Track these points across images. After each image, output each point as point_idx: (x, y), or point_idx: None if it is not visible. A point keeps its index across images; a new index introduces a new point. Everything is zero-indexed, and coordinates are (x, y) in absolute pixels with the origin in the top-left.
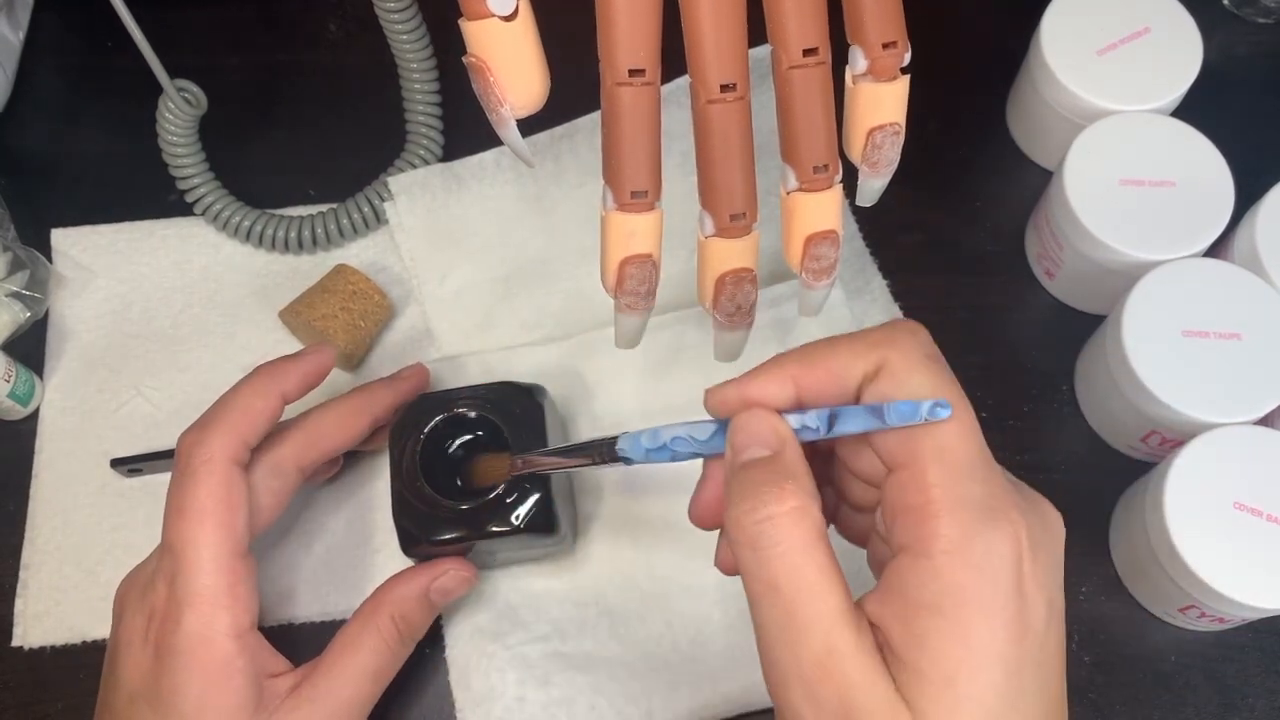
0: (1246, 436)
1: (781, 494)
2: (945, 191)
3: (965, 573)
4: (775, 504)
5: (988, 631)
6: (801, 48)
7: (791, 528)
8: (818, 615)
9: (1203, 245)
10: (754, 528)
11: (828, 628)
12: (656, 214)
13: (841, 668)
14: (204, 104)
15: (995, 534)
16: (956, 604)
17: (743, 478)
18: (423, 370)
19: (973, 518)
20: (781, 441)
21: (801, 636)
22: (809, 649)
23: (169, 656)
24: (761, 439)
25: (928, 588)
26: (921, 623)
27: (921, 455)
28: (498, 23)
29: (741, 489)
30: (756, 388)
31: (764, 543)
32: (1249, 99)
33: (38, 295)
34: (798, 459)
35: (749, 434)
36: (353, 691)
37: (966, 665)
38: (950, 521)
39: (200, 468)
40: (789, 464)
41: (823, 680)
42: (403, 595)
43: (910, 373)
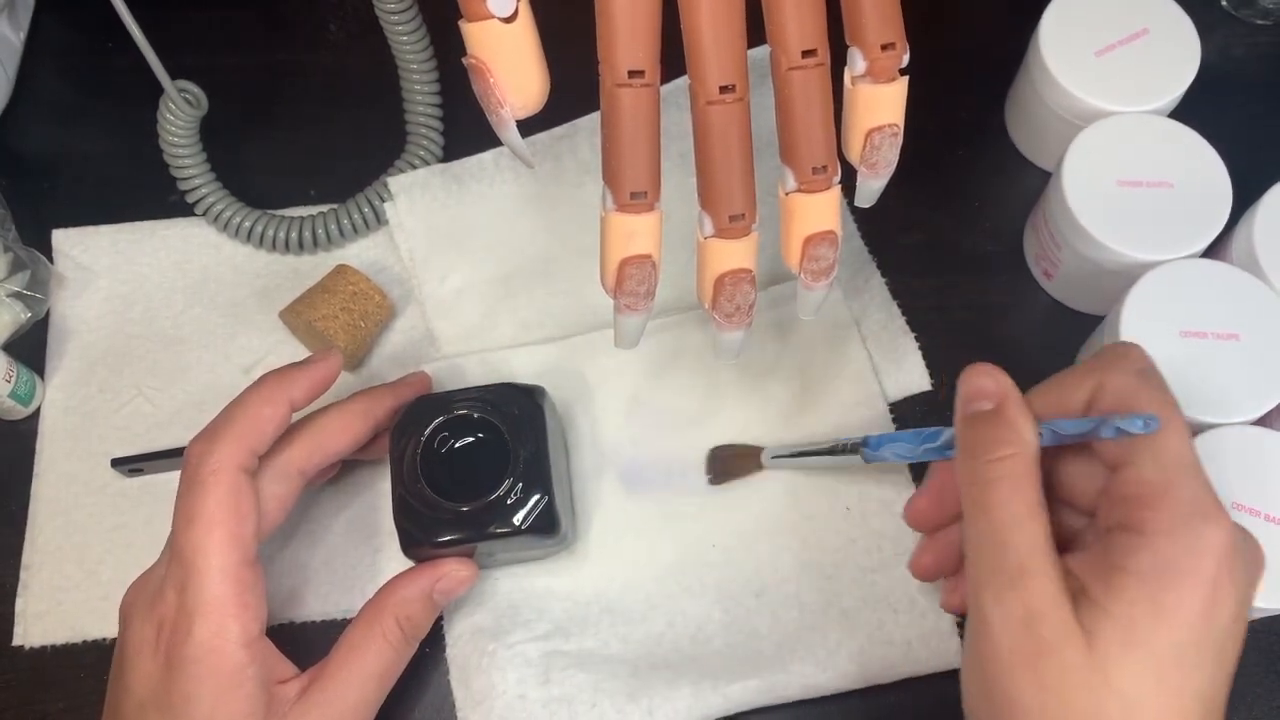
0: (1246, 437)
1: (999, 443)
2: (944, 192)
3: (1172, 551)
4: (996, 450)
5: (1177, 601)
6: (800, 49)
7: (1007, 469)
8: (1018, 539)
9: (1201, 246)
10: (977, 469)
11: (1026, 551)
12: (656, 215)
13: (1031, 582)
14: (205, 104)
15: (1204, 526)
16: (1157, 574)
17: (969, 428)
18: (425, 378)
19: (1185, 509)
20: (1003, 394)
21: (1001, 553)
22: (1005, 563)
23: (180, 665)
24: (986, 392)
25: (1134, 557)
26: (1120, 580)
27: (1141, 455)
28: (498, 24)
29: (968, 438)
30: None
31: (983, 477)
32: (1247, 100)
33: (39, 295)
34: (1019, 410)
35: (974, 388)
36: (359, 694)
37: (1150, 617)
38: (1165, 508)
39: (209, 477)
40: (1010, 416)
41: (1012, 589)
42: (406, 596)
43: (1123, 391)
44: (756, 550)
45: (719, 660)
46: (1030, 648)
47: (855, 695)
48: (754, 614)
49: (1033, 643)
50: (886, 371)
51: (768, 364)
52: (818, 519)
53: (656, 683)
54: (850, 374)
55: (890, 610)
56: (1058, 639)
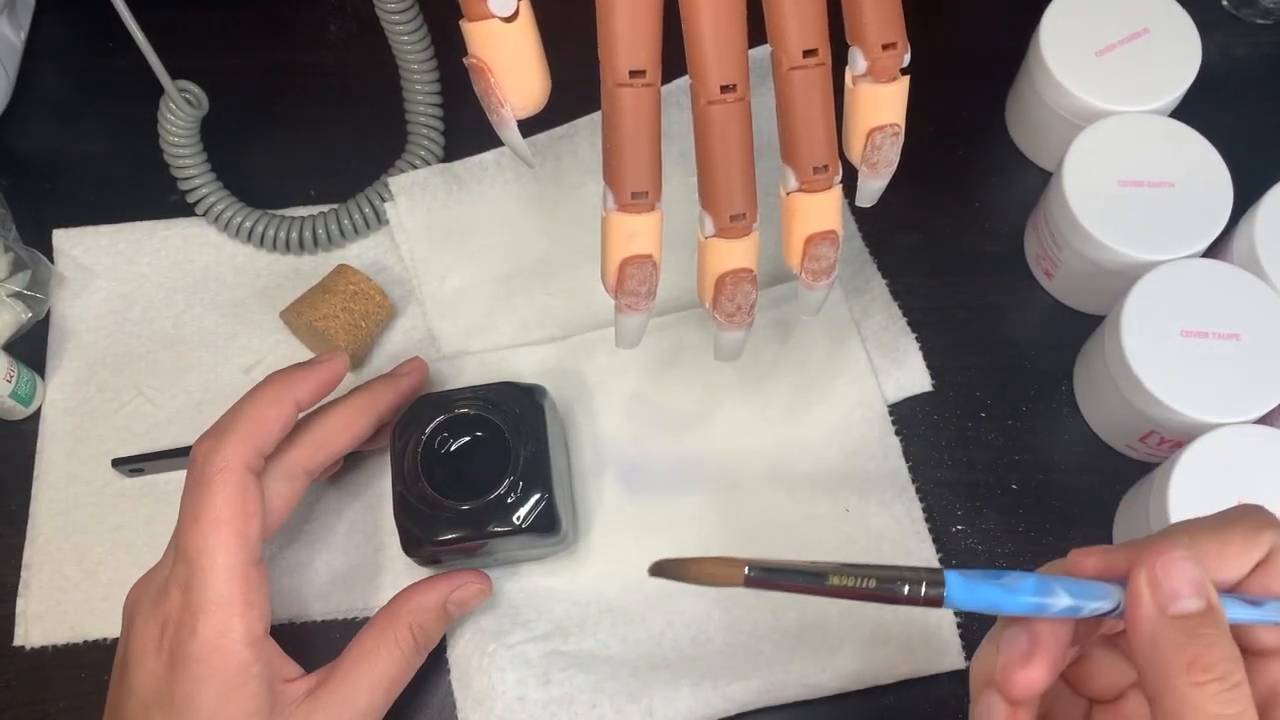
0: (1248, 436)
1: (1237, 665)
2: (945, 192)
3: None
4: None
5: None
6: (801, 49)
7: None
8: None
9: (1201, 246)
10: (1217, 698)
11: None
12: (657, 214)
13: None
14: (205, 104)
15: None
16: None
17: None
18: (422, 364)
19: None
20: (1210, 591)
21: None
22: None
23: (184, 664)
24: (1198, 587)
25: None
26: None
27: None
28: (498, 24)
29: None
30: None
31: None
32: (1248, 100)
33: (39, 295)
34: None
35: (1187, 579)
36: (369, 699)
37: None
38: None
39: (215, 476)
40: (1225, 624)
41: None
42: (421, 605)
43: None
44: (756, 550)
45: (719, 660)
46: None
47: (855, 695)
48: (754, 614)
49: None
50: (886, 372)
51: (768, 364)
52: (818, 519)
53: (656, 683)
54: (850, 374)
55: (890, 610)
56: None
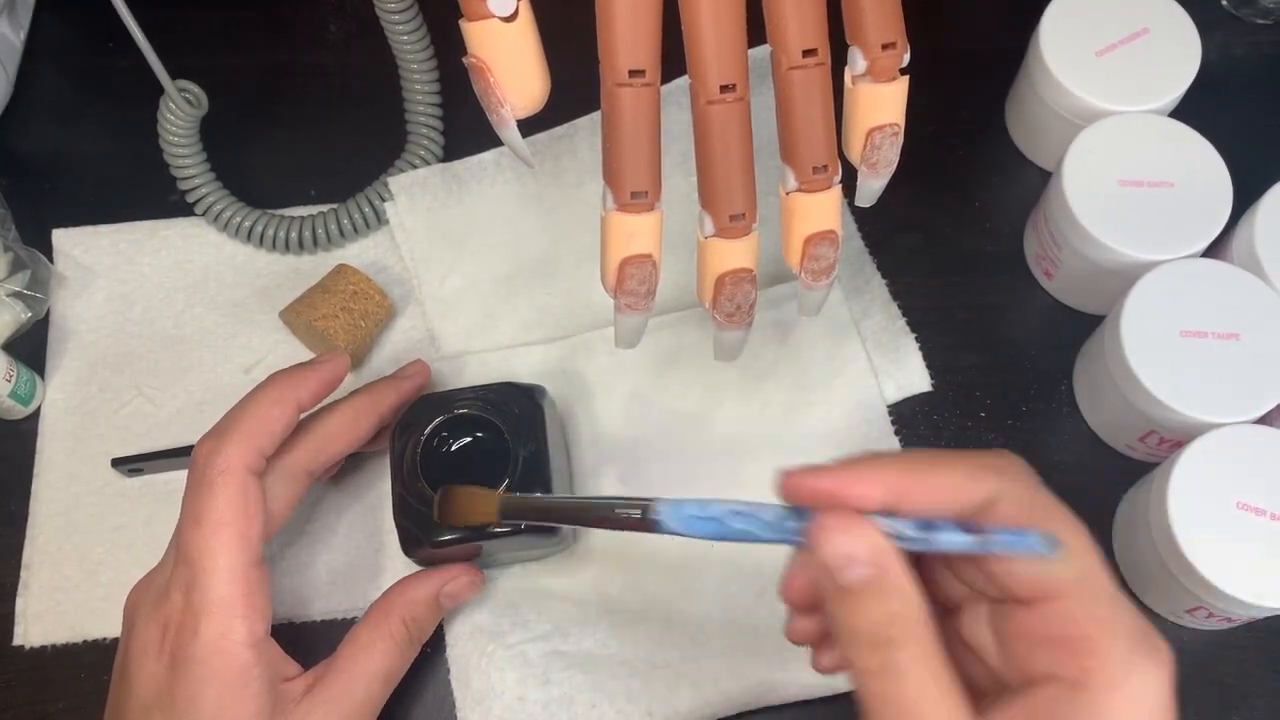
0: (1248, 436)
1: (895, 624)
2: (945, 192)
3: (1124, 706)
4: (889, 629)
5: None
6: (801, 48)
7: (910, 648)
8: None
9: (1201, 245)
10: (872, 657)
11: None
12: (656, 214)
13: None
14: (205, 104)
15: (1150, 666)
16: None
17: (850, 608)
18: (424, 367)
19: (1128, 649)
20: (883, 558)
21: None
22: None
23: (185, 666)
24: (861, 556)
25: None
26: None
27: (1068, 588)
28: (498, 23)
29: (852, 622)
30: (849, 485)
31: (883, 666)
32: (1247, 100)
33: (39, 295)
34: (900, 574)
35: (846, 551)
36: (365, 694)
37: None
38: (1109, 656)
39: (217, 478)
40: (894, 586)
41: None
42: (414, 598)
43: (1026, 506)
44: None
45: (719, 660)
46: None
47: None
48: (754, 614)
49: None
50: (886, 372)
51: (768, 364)
52: None
53: (656, 683)
54: (850, 374)
55: None
56: None
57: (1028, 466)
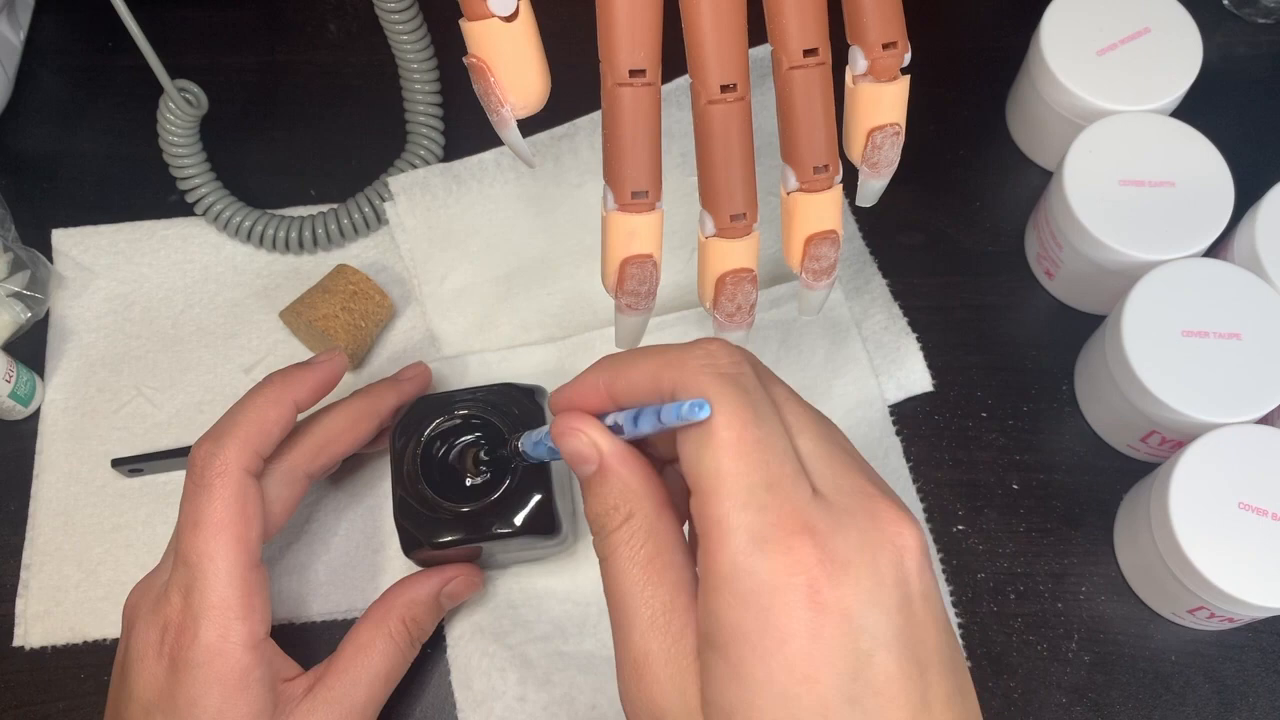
0: (1249, 436)
1: (614, 515)
2: (945, 191)
3: (733, 607)
4: (610, 524)
5: (763, 671)
6: (802, 48)
7: (621, 536)
8: (635, 620)
9: (1202, 245)
10: (598, 546)
11: (643, 631)
12: (657, 214)
13: (652, 671)
14: (205, 104)
15: (763, 565)
16: (728, 640)
17: (587, 500)
18: (425, 370)
19: (740, 548)
20: (599, 454)
21: (624, 638)
22: (629, 650)
23: (186, 669)
24: (582, 455)
25: (705, 620)
26: (705, 655)
27: (703, 479)
28: (498, 23)
29: (587, 512)
30: (576, 391)
31: (602, 553)
32: (1249, 99)
33: (38, 295)
34: (620, 466)
35: (573, 449)
36: (366, 694)
37: (743, 703)
38: (719, 552)
39: (215, 480)
40: (614, 478)
41: (637, 681)
42: (414, 598)
43: (696, 384)
44: None
45: None
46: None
47: None
48: None
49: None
50: (887, 372)
51: (768, 364)
52: None
53: None
54: (850, 374)
55: None
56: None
57: (722, 351)
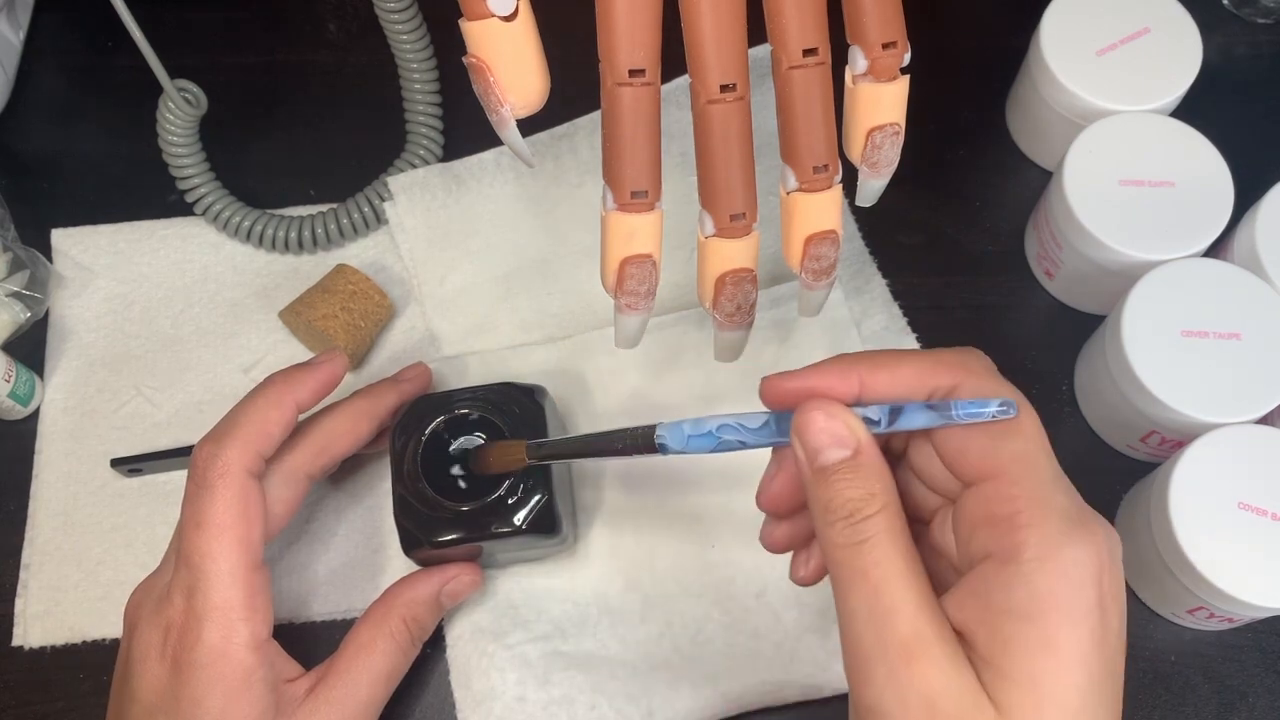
0: (1249, 436)
1: (866, 499)
2: (945, 191)
3: (1053, 580)
4: (863, 509)
5: (1074, 637)
6: (801, 48)
7: (879, 523)
8: (905, 602)
9: (1202, 245)
10: (844, 533)
11: (914, 614)
12: (657, 214)
13: (928, 653)
14: (204, 104)
15: (1082, 543)
16: (1044, 610)
17: (828, 486)
18: (425, 370)
19: (1059, 528)
20: (858, 441)
21: (888, 621)
22: (895, 633)
23: (189, 670)
24: (839, 439)
25: (1015, 594)
26: (1008, 628)
27: (1007, 467)
28: (498, 23)
29: (828, 499)
30: (821, 381)
31: (851, 540)
32: (1249, 99)
33: (38, 295)
34: (876, 456)
35: (824, 433)
36: (368, 693)
37: (1052, 668)
38: (1039, 531)
39: (217, 481)
40: (870, 466)
41: (908, 663)
42: (414, 598)
43: (985, 388)
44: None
45: (719, 661)
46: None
47: None
48: (754, 614)
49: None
50: None
51: (768, 364)
52: None
53: (656, 684)
54: None
55: None
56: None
57: (989, 360)
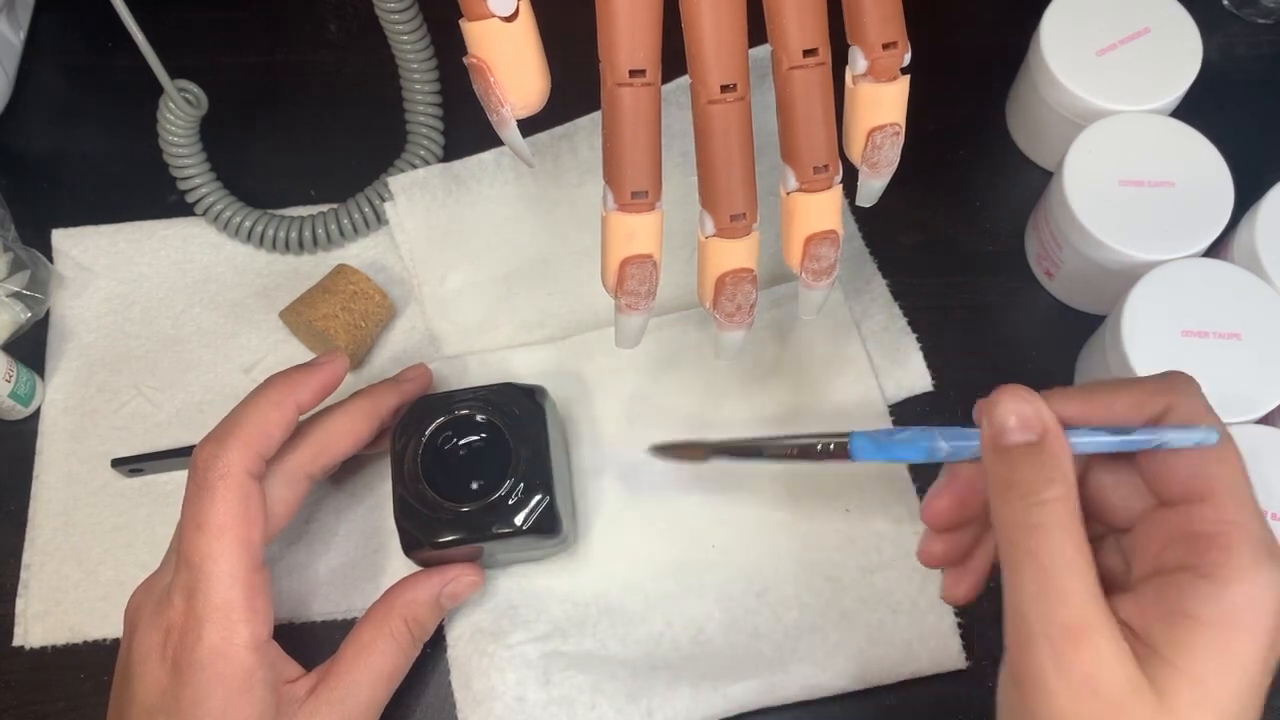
0: (1250, 436)
1: (1046, 483)
2: (945, 191)
3: (1245, 598)
4: (1043, 491)
5: (1248, 650)
6: (802, 48)
7: (1056, 509)
8: (1074, 589)
9: (1202, 245)
10: (1022, 512)
11: (1083, 600)
12: (657, 214)
13: (1094, 638)
14: (205, 104)
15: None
16: (1230, 622)
17: (1010, 464)
18: (425, 371)
19: (1259, 551)
20: (1045, 426)
21: (1057, 604)
22: (1062, 616)
23: (189, 671)
24: (1026, 421)
25: (1206, 605)
26: (1189, 630)
27: (1217, 489)
28: (498, 23)
29: (1009, 477)
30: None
31: (1030, 519)
32: (1249, 99)
33: (39, 295)
34: (1061, 447)
35: (1013, 414)
36: (370, 693)
37: (1221, 671)
38: (1239, 553)
39: (218, 482)
40: (1054, 453)
41: (1074, 647)
42: (415, 599)
43: (1196, 414)
44: (756, 550)
45: (719, 660)
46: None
47: (855, 695)
48: (754, 614)
49: (1100, 705)
50: (887, 372)
51: (768, 364)
52: (818, 519)
53: (656, 683)
54: (850, 374)
55: (890, 611)
56: (1126, 699)
57: (1197, 384)
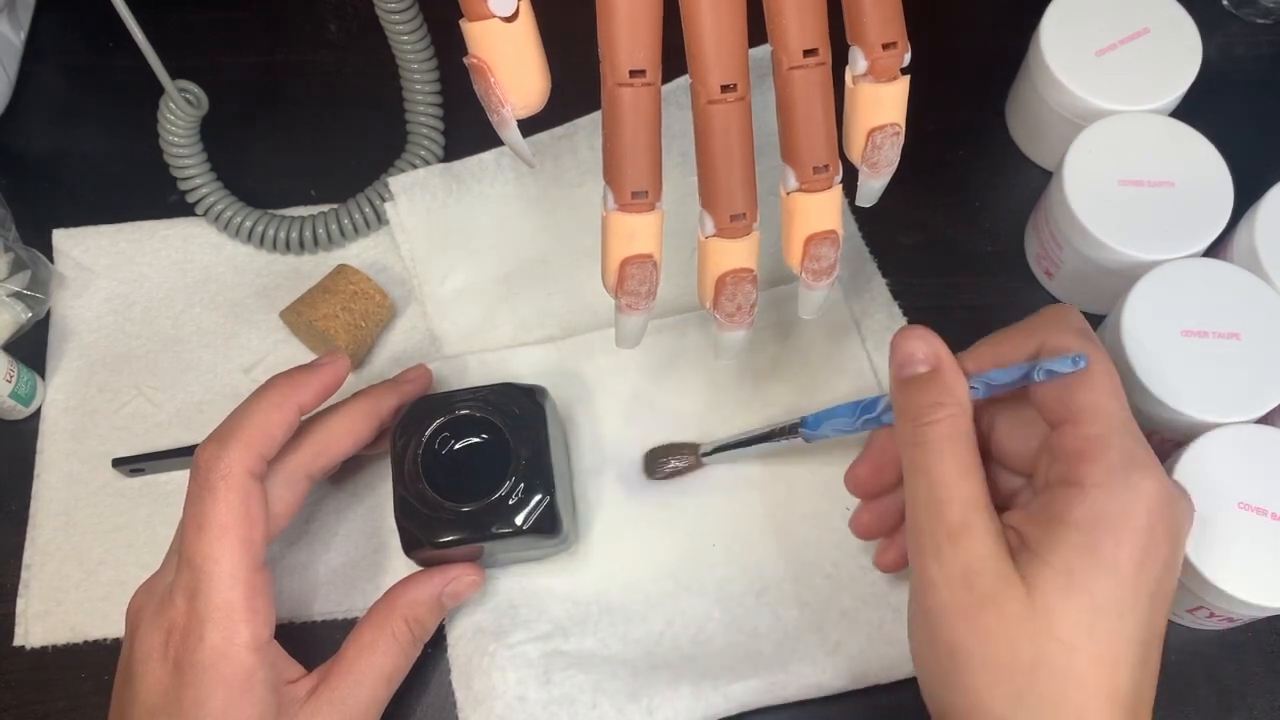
0: (1249, 436)
1: (935, 405)
2: (945, 191)
3: (1108, 502)
4: (933, 412)
5: (1113, 548)
6: (802, 48)
7: (943, 430)
8: (956, 496)
9: (1202, 245)
10: (915, 431)
11: (965, 505)
12: (657, 214)
13: (971, 537)
14: (205, 104)
15: (1137, 477)
16: (1094, 524)
17: (905, 393)
18: (426, 372)
19: (1121, 461)
20: (937, 356)
21: (940, 510)
22: (946, 519)
23: (191, 671)
24: (920, 355)
25: (1074, 510)
26: (1060, 531)
27: (1081, 410)
28: (499, 23)
29: (904, 402)
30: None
31: (920, 439)
32: (1248, 99)
33: (39, 295)
34: (954, 377)
35: (908, 351)
36: (370, 693)
37: (1088, 567)
38: (1103, 462)
39: (219, 483)
40: (945, 378)
41: (953, 544)
42: (416, 598)
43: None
44: (756, 550)
45: (719, 660)
46: (971, 600)
47: (855, 695)
48: (754, 614)
49: (974, 595)
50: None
51: (768, 364)
52: (818, 519)
53: (657, 682)
54: (850, 374)
55: (890, 610)
56: (998, 590)
57: (1074, 315)
